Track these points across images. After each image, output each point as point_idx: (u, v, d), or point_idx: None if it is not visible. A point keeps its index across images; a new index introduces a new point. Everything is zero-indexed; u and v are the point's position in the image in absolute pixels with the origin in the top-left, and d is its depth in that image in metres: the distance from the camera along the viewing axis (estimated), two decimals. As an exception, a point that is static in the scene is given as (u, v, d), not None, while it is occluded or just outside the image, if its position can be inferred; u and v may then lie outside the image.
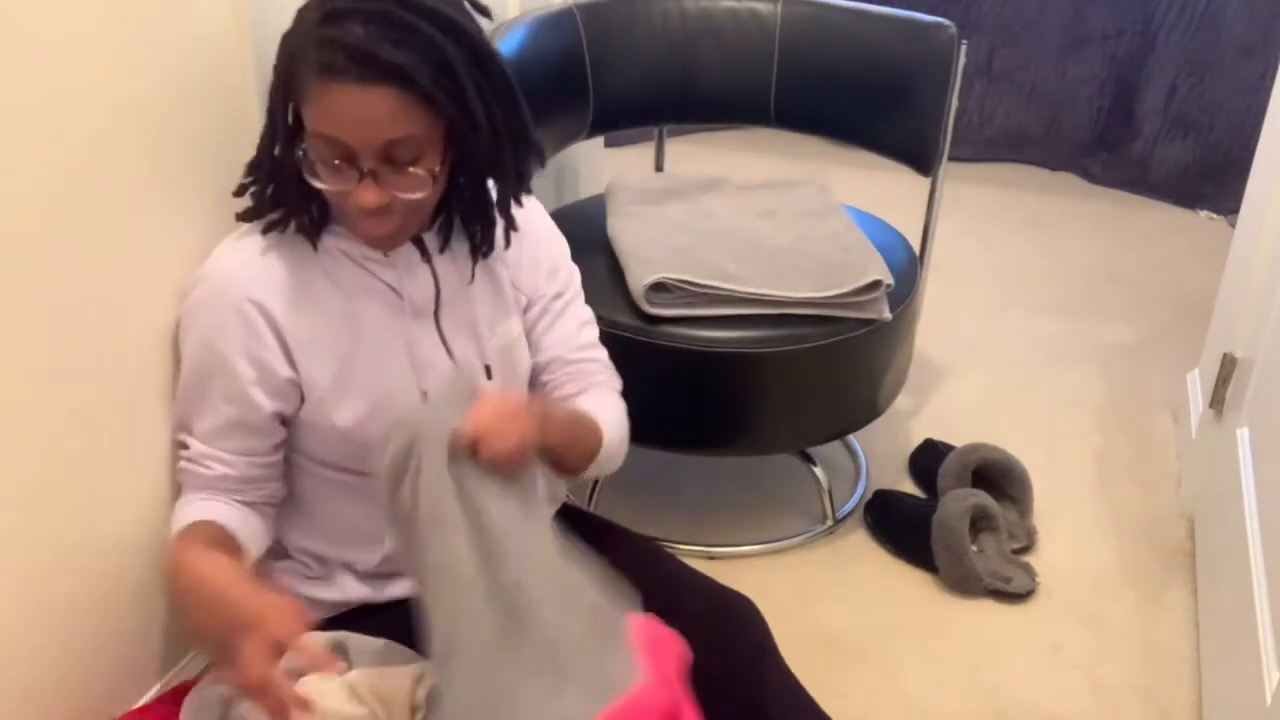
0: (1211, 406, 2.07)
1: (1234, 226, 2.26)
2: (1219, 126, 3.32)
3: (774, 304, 1.81)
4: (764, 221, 2.01)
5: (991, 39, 3.45)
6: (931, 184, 2.11)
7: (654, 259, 1.83)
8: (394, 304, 1.27)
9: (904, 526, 2.03)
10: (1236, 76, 3.25)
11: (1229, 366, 2.01)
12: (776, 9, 2.14)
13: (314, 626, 1.33)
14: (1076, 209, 3.36)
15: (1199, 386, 2.28)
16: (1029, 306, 2.85)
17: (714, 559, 2.00)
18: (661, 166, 2.47)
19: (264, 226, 1.23)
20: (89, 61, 1.13)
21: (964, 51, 1.99)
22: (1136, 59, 3.35)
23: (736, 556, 2.01)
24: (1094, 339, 2.72)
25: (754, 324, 1.81)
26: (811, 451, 2.16)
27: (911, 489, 2.19)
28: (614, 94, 2.13)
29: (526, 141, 1.23)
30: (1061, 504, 2.16)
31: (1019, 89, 3.51)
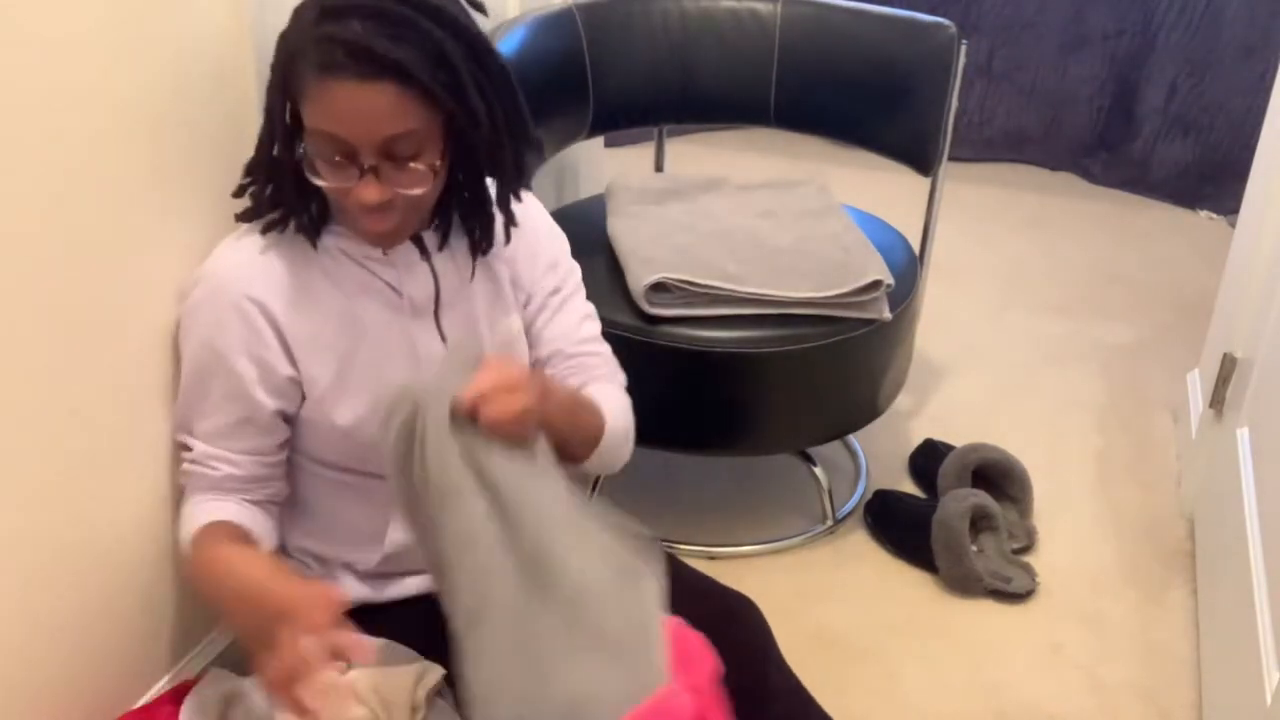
0: (1211, 406, 2.07)
1: (1234, 226, 2.26)
2: (1219, 126, 3.32)
3: (774, 304, 1.81)
4: (764, 221, 2.01)
5: (991, 39, 3.45)
6: (931, 184, 2.11)
7: (654, 259, 1.83)
8: (393, 302, 1.27)
9: (904, 526, 2.02)
10: (1236, 76, 3.25)
11: (1229, 366, 2.01)
12: (776, 9, 2.14)
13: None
14: (1076, 209, 3.36)
15: (1199, 386, 2.28)
16: (1029, 306, 2.85)
17: (714, 559, 2.00)
18: (661, 166, 2.47)
19: (263, 226, 1.23)
20: (89, 61, 1.13)
21: (964, 51, 1.99)
22: (1136, 59, 3.35)
23: (736, 556, 2.01)
24: (1094, 339, 2.72)
25: (754, 324, 1.81)
26: (811, 451, 2.16)
27: (911, 489, 2.19)
28: (614, 94, 2.13)
29: (525, 136, 1.23)
30: (1061, 504, 2.16)
31: (1019, 89, 3.51)
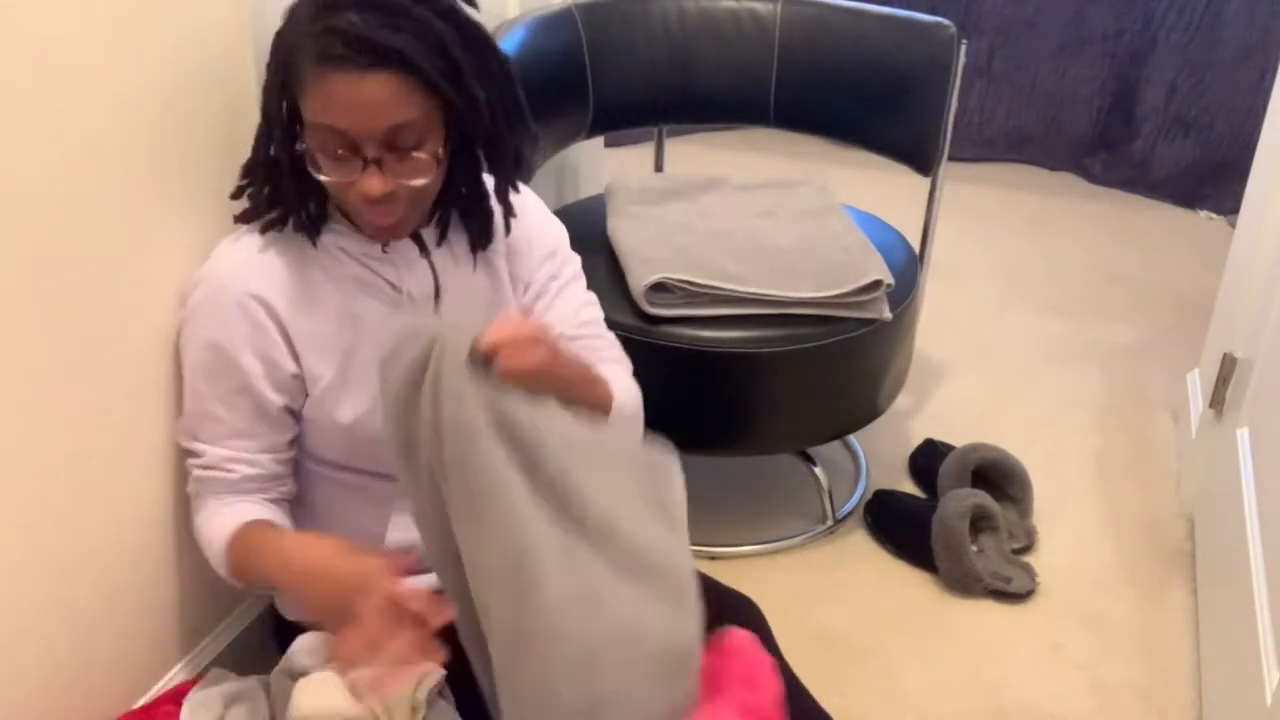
0: (1211, 406, 2.07)
1: (1234, 226, 2.25)
2: (1219, 126, 3.32)
3: (774, 304, 1.81)
4: (764, 221, 2.01)
5: (991, 39, 3.45)
6: (931, 184, 2.11)
7: (654, 259, 1.83)
8: (393, 299, 1.27)
9: (904, 526, 2.02)
10: (1236, 76, 3.25)
11: (1229, 366, 2.01)
12: (776, 9, 2.14)
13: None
14: (1076, 209, 3.36)
15: (1199, 386, 2.28)
16: (1029, 306, 2.85)
17: (714, 559, 2.00)
18: (661, 166, 2.47)
19: (262, 226, 1.23)
20: (89, 62, 1.13)
21: (964, 51, 1.99)
22: (1136, 59, 3.35)
23: (736, 556, 2.01)
24: (1094, 339, 2.72)
25: (754, 324, 1.81)
26: (811, 451, 2.16)
27: (911, 489, 2.19)
28: (614, 94, 2.13)
29: (524, 125, 1.23)
30: (1061, 504, 2.16)
31: (1019, 89, 3.50)
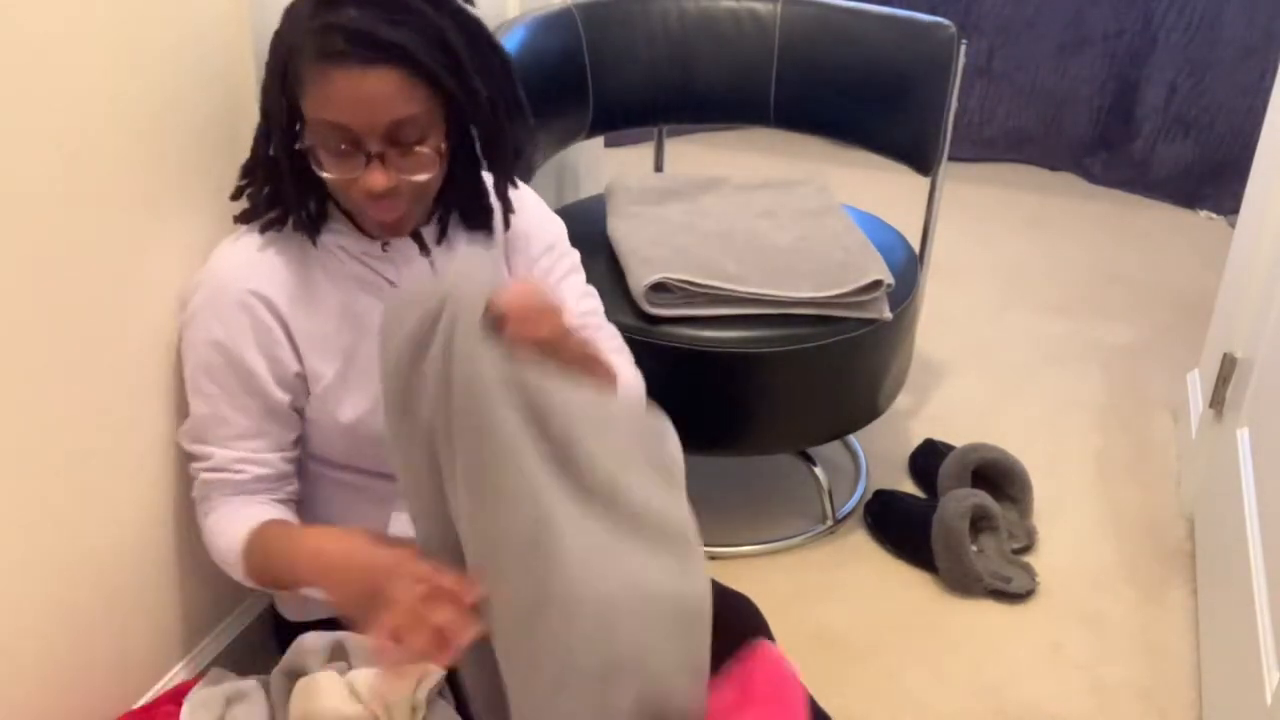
0: (1211, 406, 2.07)
1: (1234, 226, 2.25)
2: (1219, 126, 3.32)
3: (774, 304, 1.81)
4: (764, 221, 2.01)
5: (991, 39, 3.45)
6: (931, 184, 2.11)
7: (654, 259, 1.83)
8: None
9: (904, 526, 2.02)
10: (1236, 76, 3.25)
11: (1229, 366, 2.01)
12: (776, 9, 2.14)
13: (315, 625, 1.33)
14: (1076, 209, 3.36)
15: (1199, 386, 2.28)
16: (1029, 306, 2.85)
17: (714, 559, 2.00)
18: (661, 166, 2.47)
19: (261, 226, 1.23)
20: (89, 62, 1.12)
21: (964, 51, 1.99)
22: (1136, 59, 3.35)
23: (736, 556, 2.01)
24: (1094, 339, 2.72)
25: (754, 324, 1.81)
26: (811, 451, 2.16)
27: (911, 489, 2.19)
28: (614, 94, 2.13)
29: (523, 120, 1.23)
30: (1061, 504, 2.16)
31: (1019, 89, 3.50)
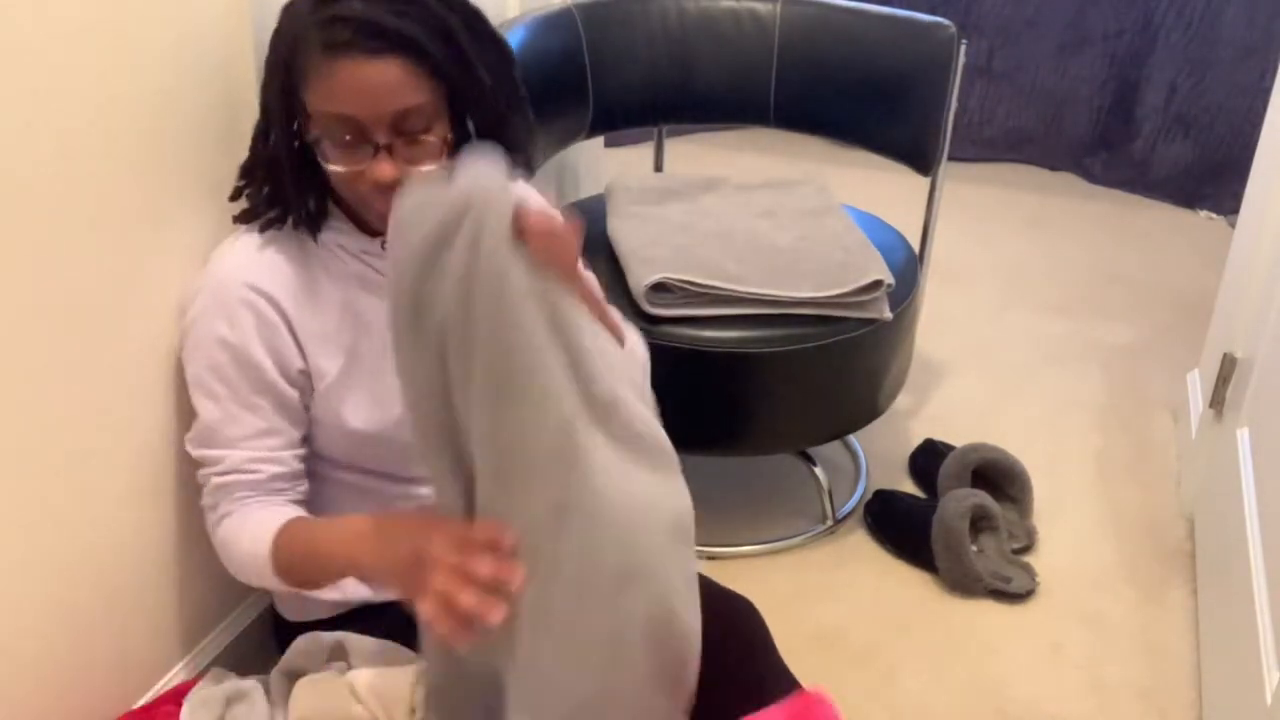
0: (1211, 406, 2.07)
1: (1234, 226, 2.25)
2: (1219, 126, 3.32)
3: (774, 304, 1.81)
4: (764, 221, 2.01)
5: (991, 39, 3.45)
6: (931, 184, 2.11)
7: (655, 259, 1.83)
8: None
9: (904, 526, 2.02)
10: (1236, 76, 3.25)
11: (1229, 366, 2.01)
12: (776, 9, 2.14)
13: (316, 625, 1.33)
14: (1076, 209, 3.36)
15: (1199, 386, 2.28)
16: (1029, 306, 2.85)
17: (714, 559, 2.00)
18: (661, 166, 2.47)
19: (260, 226, 1.23)
20: (89, 63, 1.13)
21: (964, 51, 1.99)
22: (1136, 59, 3.35)
23: (736, 556, 2.01)
24: (1094, 339, 2.72)
25: (754, 324, 1.81)
26: (811, 451, 2.16)
27: (911, 489, 2.19)
28: (614, 94, 2.13)
29: (524, 113, 1.23)
30: (1061, 504, 2.16)
31: (1019, 89, 3.50)
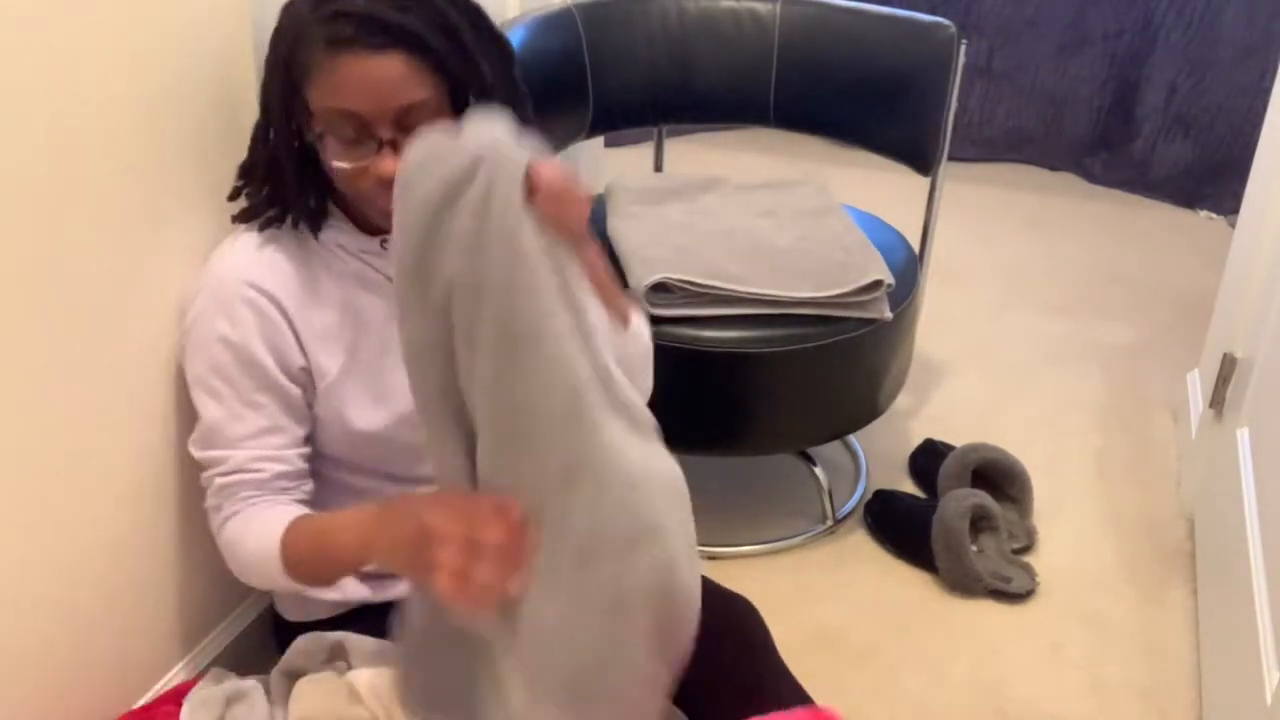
0: (1211, 406, 2.07)
1: (1234, 226, 2.25)
2: (1219, 126, 3.32)
3: (774, 304, 1.81)
4: (764, 221, 2.01)
5: (991, 39, 3.45)
6: (931, 184, 2.11)
7: (655, 259, 1.83)
8: (392, 295, 1.27)
9: (904, 526, 2.02)
10: (1236, 76, 3.25)
11: (1229, 366, 2.01)
12: (776, 9, 2.14)
13: (315, 626, 1.33)
14: (1076, 209, 3.36)
15: (1199, 386, 2.28)
16: (1029, 306, 2.85)
17: (714, 559, 2.00)
18: (661, 166, 2.47)
19: (260, 225, 1.23)
20: (89, 63, 1.12)
21: (964, 51, 1.99)
22: (1136, 59, 3.35)
23: (736, 556, 2.01)
24: (1094, 339, 2.72)
25: (754, 324, 1.81)
26: (811, 451, 2.16)
27: (911, 489, 2.19)
28: (613, 94, 2.13)
29: (524, 110, 1.23)
30: (1061, 504, 2.16)
31: (1019, 89, 3.50)
